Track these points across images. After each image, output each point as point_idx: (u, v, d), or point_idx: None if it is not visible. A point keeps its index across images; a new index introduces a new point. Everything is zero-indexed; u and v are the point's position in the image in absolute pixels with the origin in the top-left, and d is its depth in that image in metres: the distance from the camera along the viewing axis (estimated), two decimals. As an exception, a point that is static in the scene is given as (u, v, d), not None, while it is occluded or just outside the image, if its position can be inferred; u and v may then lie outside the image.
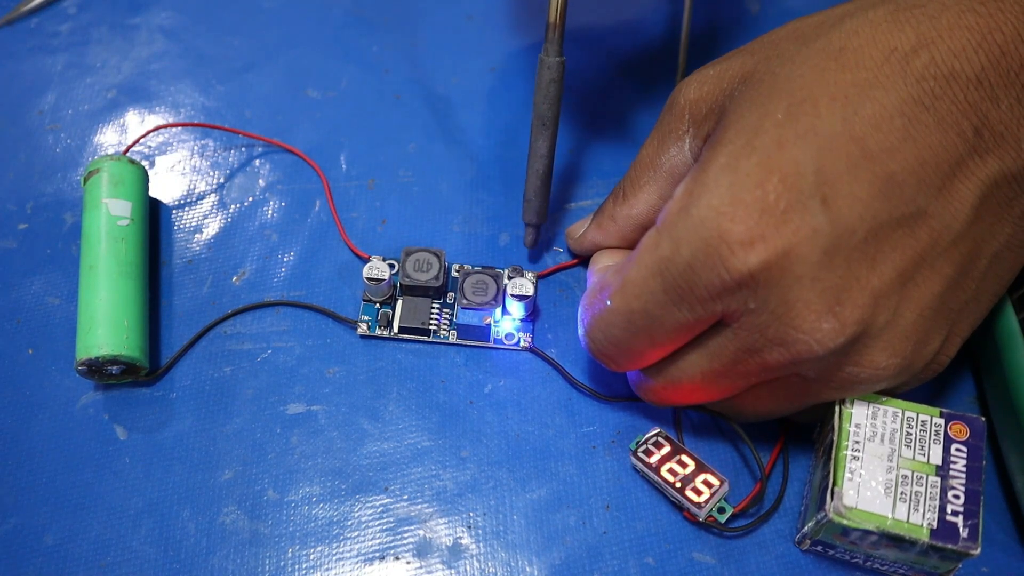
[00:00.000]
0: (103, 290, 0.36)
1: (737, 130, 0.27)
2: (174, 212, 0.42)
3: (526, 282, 0.37)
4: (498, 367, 0.37)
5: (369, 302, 0.38)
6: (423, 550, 0.33)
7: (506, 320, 0.37)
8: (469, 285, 0.37)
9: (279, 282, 0.39)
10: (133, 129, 0.44)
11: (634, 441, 0.34)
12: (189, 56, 0.47)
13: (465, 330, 0.37)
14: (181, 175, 0.43)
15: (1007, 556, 0.33)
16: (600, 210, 0.37)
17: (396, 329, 0.37)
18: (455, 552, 0.33)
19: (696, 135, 0.32)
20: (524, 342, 0.37)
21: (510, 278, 0.37)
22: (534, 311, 0.38)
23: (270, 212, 0.41)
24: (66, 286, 0.39)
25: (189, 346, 0.38)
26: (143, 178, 0.40)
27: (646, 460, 0.33)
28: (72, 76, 0.46)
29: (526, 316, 0.37)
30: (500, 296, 0.37)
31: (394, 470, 0.35)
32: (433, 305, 0.38)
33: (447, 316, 0.38)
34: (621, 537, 0.33)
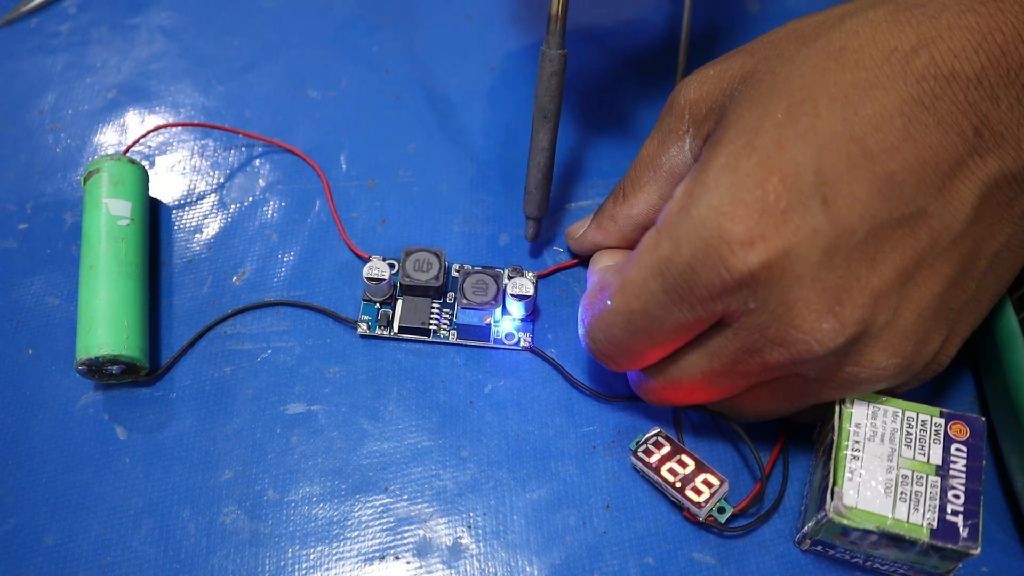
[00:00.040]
0: (103, 290, 0.36)
1: (737, 130, 0.27)
2: (174, 212, 0.42)
3: (526, 282, 0.37)
4: (498, 367, 0.37)
5: (369, 302, 0.38)
6: (423, 550, 0.33)
7: (506, 320, 0.37)
8: (469, 285, 0.37)
9: (279, 282, 0.39)
10: (133, 129, 0.44)
11: (634, 441, 0.34)
12: (189, 56, 0.47)
13: (465, 330, 0.37)
14: (181, 175, 0.43)
15: (1007, 556, 0.33)
16: (600, 210, 0.37)
17: (396, 329, 0.37)
18: (455, 552, 0.33)
19: (696, 135, 0.32)
20: (524, 342, 0.37)
21: (510, 278, 0.37)
22: (534, 311, 0.38)
23: (270, 212, 0.41)
24: (66, 286, 0.39)
25: (189, 346, 0.38)
26: (143, 178, 0.40)
27: (646, 460, 0.33)
28: (72, 76, 0.46)
29: (526, 316, 0.37)
30: (500, 296, 0.37)
31: (394, 470, 0.35)
32: (433, 305, 0.38)
33: (447, 316, 0.38)
34: (621, 537, 0.33)
